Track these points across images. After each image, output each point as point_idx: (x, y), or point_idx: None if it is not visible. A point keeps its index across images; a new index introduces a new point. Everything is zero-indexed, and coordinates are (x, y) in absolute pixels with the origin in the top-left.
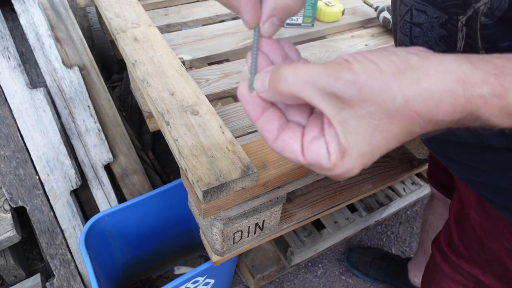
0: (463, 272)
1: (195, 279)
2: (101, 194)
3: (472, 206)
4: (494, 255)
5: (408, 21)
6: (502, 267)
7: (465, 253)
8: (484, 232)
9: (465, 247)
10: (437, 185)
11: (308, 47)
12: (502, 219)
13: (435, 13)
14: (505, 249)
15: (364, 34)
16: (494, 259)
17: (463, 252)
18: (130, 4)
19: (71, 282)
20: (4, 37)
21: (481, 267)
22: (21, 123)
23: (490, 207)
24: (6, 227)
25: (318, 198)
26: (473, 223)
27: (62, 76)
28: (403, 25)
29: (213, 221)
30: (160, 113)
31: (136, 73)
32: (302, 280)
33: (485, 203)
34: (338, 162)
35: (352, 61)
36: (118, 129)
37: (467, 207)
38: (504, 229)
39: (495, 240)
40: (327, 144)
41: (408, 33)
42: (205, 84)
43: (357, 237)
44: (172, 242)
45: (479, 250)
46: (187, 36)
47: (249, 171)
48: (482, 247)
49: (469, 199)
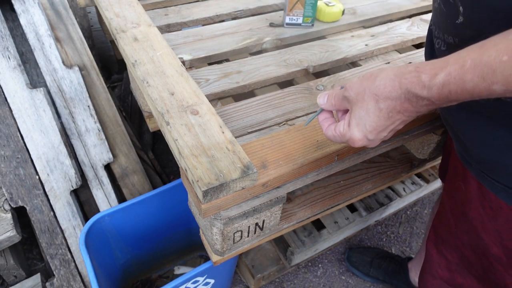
0: (447, 253)
1: (195, 279)
2: (101, 194)
3: (459, 178)
4: (470, 224)
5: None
6: (475, 236)
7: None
8: (466, 201)
9: (455, 220)
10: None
11: (308, 47)
12: (480, 186)
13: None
14: (480, 216)
15: (364, 34)
16: (470, 228)
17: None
18: (130, 4)
19: (71, 282)
20: (4, 37)
21: (462, 239)
22: (21, 123)
23: (471, 175)
24: (6, 227)
25: (318, 198)
26: (460, 194)
27: (62, 76)
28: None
29: (213, 221)
30: (160, 113)
31: (136, 73)
32: (302, 280)
33: (467, 171)
34: (346, 130)
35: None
36: (118, 129)
37: (457, 179)
38: (481, 196)
39: (473, 209)
40: (345, 122)
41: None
42: (205, 84)
43: (357, 237)
44: (172, 242)
45: (462, 220)
46: (187, 36)
47: (249, 171)
48: (464, 217)
49: (458, 171)
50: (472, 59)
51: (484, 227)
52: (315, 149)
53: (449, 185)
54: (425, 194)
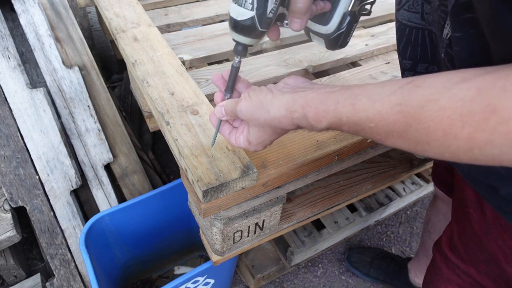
0: (459, 272)
1: (195, 279)
2: (101, 194)
3: (471, 205)
4: (490, 255)
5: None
6: (497, 267)
7: (463, 252)
8: (482, 232)
9: (464, 246)
10: (441, 185)
11: (308, 47)
12: (498, 218)
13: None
14: (500, 249)
15: (364, 34)
16: (490, 259)
17: (461, 251)
18: (130, 4)
19: (71, 282)
20: (4, 37)
21: (477, 267)
22: (21, 123)
23: (488, 206)
24: (6, 227)
25: (318, 198)
26: (472, 222)
27: (62, 76)
28: (413, 2)
29: (213, 221)
30: (160, 113)
31: (136, 73)
32: (302, 280)
33: (483, 202)
34: (246, 145)
35: (242, 98)
36: (118, 129)
37: (467, 205)
38: (500, 229)
39: (492, 240)
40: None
41: (420, 10)
42: (205, 84)
43: (357, 237)
44: (172, 242)
45: (476, 250)
46: (187, 36)
47: (249, 171)
48: (479, 246)
49: (469, 197)
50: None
51: (508, 260)
52: (315, 149)
53: (456, 209)
54: (425, 194)
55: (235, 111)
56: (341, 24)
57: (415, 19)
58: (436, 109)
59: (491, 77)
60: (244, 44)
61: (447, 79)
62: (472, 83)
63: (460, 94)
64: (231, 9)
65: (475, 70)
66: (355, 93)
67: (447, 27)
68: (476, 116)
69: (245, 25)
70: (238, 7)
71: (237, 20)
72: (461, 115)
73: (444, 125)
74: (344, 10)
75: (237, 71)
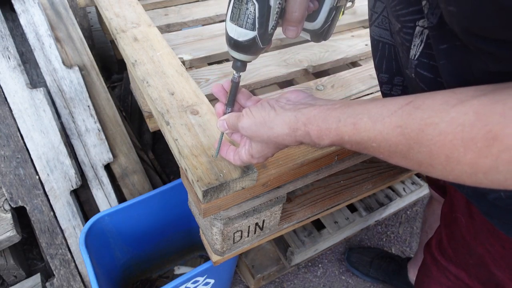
0: (450, 275)
1: (195, 279)
2: (101, 194)
3: (460, 209)
4: (479, 259)
5: (386, 16)
6: (487, 271)
7: (453, 256)
8: (470, 236)
9: (453, 250)
10: (436, 188)
11: (308, 47)
12: (486, 223)
13: (392, 20)
14: (489, 253)
15: (364, 34)
16: (480, 263)
17: (451, 255)
18: (130, 4)
19: (71, 282)
20: (4, 37)
21: (467, 270)
22: (21, 123)
23: (476, 211)
24: (6, 227)
25: (318, 198)
26: (461, 226)
27: (62, 76)
28: (382, 20)
29: (213, 221)
30: (160, 113)
31: (136, 73)
32: (302, 280)
33: (471, 206)
34: (249, 159)
35: (244, 114)
36: (118, 129)
37: (455, 210)
38: (488, 233)
39: (480, 244)
40: (246, 151)
41: (388, 27)
42: (205, 84)
43: (357, 237)
44: (172, 242)
45: (466, 253)
46: (187, 36)
47: (249, 170)
48: (468, 250)
49: (458, 202)
50: (349, 135)
51: (498, 265)
52: (315, 149)
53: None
54: (425, 194)
55: (237, 127)
56: (327, 19)
57: (386, 35)
58: (437, 133)
59: (488, 100)
60: (244, 61)
61: (444, 101)
62: (469, 107)
63: (459, 119)
64: (229, 28)
65: (469, 91)
66: (357, 111)
67: (414, 47)
68: (478, 143)
69: (246, 45)
70: (238, 27)
71: (238, 41)
72: (462, 141)
73: (446, 149)
74: (330, 6)
75: (237, 86)
